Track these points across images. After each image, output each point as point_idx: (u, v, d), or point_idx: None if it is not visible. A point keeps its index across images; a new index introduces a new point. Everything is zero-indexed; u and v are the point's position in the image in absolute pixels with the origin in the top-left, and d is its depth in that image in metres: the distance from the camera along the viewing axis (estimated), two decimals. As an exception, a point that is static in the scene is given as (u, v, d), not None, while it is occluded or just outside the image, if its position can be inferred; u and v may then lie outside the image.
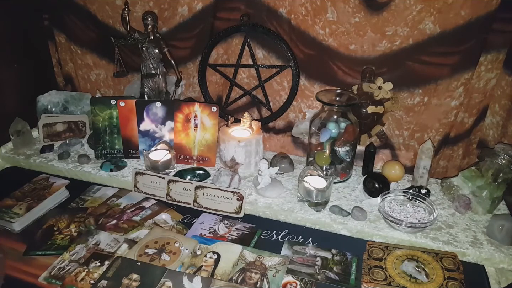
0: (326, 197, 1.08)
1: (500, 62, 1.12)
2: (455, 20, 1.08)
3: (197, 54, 1.38)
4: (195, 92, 1.46)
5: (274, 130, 1.42)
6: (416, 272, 0.89)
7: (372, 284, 0.86)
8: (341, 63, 1.23)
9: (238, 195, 1.08)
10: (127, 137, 1.28)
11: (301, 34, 1.23)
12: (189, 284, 0.85)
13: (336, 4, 1.16)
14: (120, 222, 1.05)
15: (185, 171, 1.21)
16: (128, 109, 1.25)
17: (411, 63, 1.17)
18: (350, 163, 1.20)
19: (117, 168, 1.24)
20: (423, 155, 1.14)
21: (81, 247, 0.96)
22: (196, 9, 1.31)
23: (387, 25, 1.14)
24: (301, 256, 0.95)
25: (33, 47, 1.51)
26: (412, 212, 1.06)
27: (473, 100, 1.19)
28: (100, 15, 1.41)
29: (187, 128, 1.27)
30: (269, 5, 1.23)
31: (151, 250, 0.95)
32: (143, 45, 1.29)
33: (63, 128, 1.38)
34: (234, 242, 0.99)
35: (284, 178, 1.23)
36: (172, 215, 1.09)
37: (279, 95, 1.36)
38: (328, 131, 1.12)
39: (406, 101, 1.22)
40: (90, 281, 0.86)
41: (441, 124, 1.22)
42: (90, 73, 1.55)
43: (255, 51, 1.31)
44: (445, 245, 0.97)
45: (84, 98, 1.46)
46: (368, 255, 0.94)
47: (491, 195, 1.06)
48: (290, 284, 0.87)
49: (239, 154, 1.21)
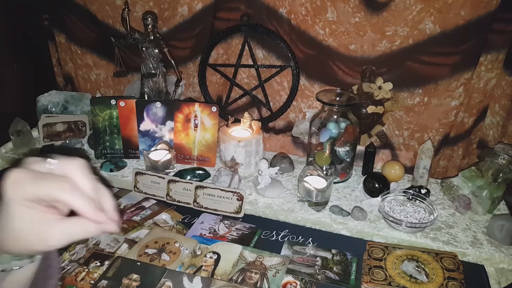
0: (326, 197, 1.08)
1: (500, 62, 1.12)
2: (455, 20, 1.08)
3: (197, 54, 1.38)
4: (195, 92, 1.46)
5: (274, 130, 1.42)
6: (416, 272, 0.89)
7: (372, 284, 0.86)
8: (341, 63, 1.23)
9: (238, 195, 1.08)
10: (127, 137, 1.28)
11: (301, 34, 1.23)
12: (189, 284, 0.85)
13: (336, 4, 1.16)
14: (120, 222, 1.05)
15: (185, 171, 1.21)
16: (128, 109, 1.25)
17: (411, 63, 1.17)
18: (350, 163, 1.20)
19: (117, 168, 1.24)
20: (423, 155, 1.14)
21: (81, 247, 0.96)
22: (196, 9, 1.31)
23: (387, 25, 1.14)
24: (301, 256, 0.95)
25: (33, 47, 1.51)
26: (412, 212, 1.06)
27: (473, 100, 1.19)
28: (100, 15, 1.41)
29: (187, 128, 1.27)
30: (269, 5, 1.23)
31: (151, 250, 0.95)
32: (143, 45, 1.29)
33: (63, 128, 1.38)
34: (234, 242, 0.99)
35: (284, 178, 1.23)
36: (172, 215, 1.09)
37: (279, 95, 1.36)
38: (328, 131, 1.12)
39: (406, 101, 1.22)
40: (90, 281, 0.86)
41: (441, 124, 1.22)
42: (90, 73, 1.55)
43: (255, 51, 1.31)
44: (445, 245, 0.97)
45: (84, 98, 1.46)
46: (368, 255, 0.94)
47: (491, 195, 1.06)
48: (290, 284, 0.87)
49: (239, 154, 1.21)
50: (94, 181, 0.41)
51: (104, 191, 0.42)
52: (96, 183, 0.41)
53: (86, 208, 0.38)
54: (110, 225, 0.40)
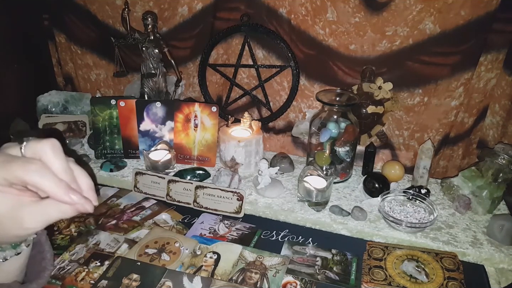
0: (326, 197, 1.08)
1: (500, 62, 1.12)
2: (455, 20, 1.08)
3: (197, 54, 1.38)
4: (195, 92, 1.46)
5: (274, 130, 1.42)
6: (416, 272, 0.89)
7: (372, 284, 0.86)
8: (341, 63, 1.23)
9: (238, 195, 1.08)
10: (127, 137, 1.28)
11: (301, 34, 1.23)
12: (189, 284, 0.85)
13: (336, 4, 1.16)
14: (120, 222, 1.05)
15: (185, 171, 1.21)
16: (128, 109, 1.25)
17: (411, 63, 1.17)
18: (350, 163, 1.20)
19: (117, 168, 1.24)
20: (423, 155, 1.14)
21: (81, 247, 0.96)
22: (196, 9, 1.31)
23: (387, 25, 1.14)
24: (301, 256, 0.95)
25: (33, 47, 1.51)
26: (412, 212, 1.06)
27: (473, 100, 1.19)
28: (100, 15, 1.41)
29: (187, 128, 1.27)
30: (269, 5, 1.23)
31: (151, 250, 0.95)
32: (143, 45, 1.29)
33: (63, 128, 1.38)
34: (234, 242, 0.99)
35: (284, 178, 1.23)
36: (172, 215, 1.09)
37: (279, 95, 1.36)
38: (328, 131, 1.12)
39: (406, 101, 1.22)
40: (90, 281, 0.86)
41: (441, 124, 1.22)
42: (90, 73, 1.55)
43: (255, 51, 1.31)
44: (445, 245, 0.97)
45: (84, 98, 1.46)
46: (368, 255, 0.94)
47: (491, 195, 1.06)
48: (290, 284, 0.87)
49: (239, 154, 1.21)
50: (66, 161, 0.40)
51: (79, 170, 0.41)
52: (70, 163, 0.40)
53: (55, 190, 0.37)
54: (84, 205, 0.39)
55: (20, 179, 0.37)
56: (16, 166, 0.37)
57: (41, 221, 0.40)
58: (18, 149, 0.39)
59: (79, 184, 0.40)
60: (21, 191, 0.39)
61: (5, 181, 0.37)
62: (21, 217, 0.39)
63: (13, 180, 0.37)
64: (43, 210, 0.39)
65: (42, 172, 0.37)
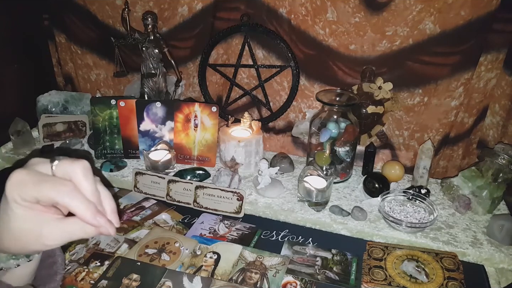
0: (326, 197, 1.08)
1: (500, 62, 1.12)
2: (455, 20, 1.08)
3: (197, 54, 1.38)
4: (195, 92, 1.46)
5: (274, 130, 1.42)
6: (416, 272, 0.89)
7: (372, 284, 0.86)
8: (341, 63, 1.23)
9: (238, 195, 1.08)
10: (127, 137, 1.28)
11: (301, 34, 1.23)
12: (189, 284, 0.85)
13: (336, 4, 1.16)
14: (119, 224, 1.05)
15: (185, 171, 1.21)
16: (128, 109, 1.25)
17: (411, 63, 1.17)
18: (350, 163, 1.20)
19: (117, 168, 1.24)
20: (423, 155, 1.14)
21: (81, 247, 0.96)
22: (196, 9, 1.31)
23: (387, 25, 1.14)
24: (301, 256, 0.95)
25: (33, 47, 1.51)
26: (412, 212, 1.06)
27: (473, 100, 1.19)
28: (100, 15, 1.41)
29: (187, 128, 1.27)
30: (269, 5, 1.23)
31: (151, 250, 0.95)
32: (143, 45, 1.29)
33: (63, 128, 1.38)
34: (234, 242, 0.99)
35: (284, 178, 1.23)
36: (172, 215, 1.09)
37: (279, 95, 1.36)
38: (328, 131, 1.12)
39: (406, 101, 1.22)
40: (90, 281, 0.86)
41: (441, 124, 1.22)
42: (90, 73, 1.55)
43: (255, 51, 1.31)
44: (445, 245, 0.97)
45: (84, 98, 1.46)
46: (368, 255, 0.94)
47: (491, 195, 1.06)
48: (290, 284, 0.87)
49: (239, 154, 1.21)
50: (96, 183, 0.41)
51: (105, 193, 0.42)
52: (98, 185, 0.41)
53: (85, 212, 0.38)
54: (108, 228, 0.40)
55: (52, 199, 0.38)
56: (48, 186, 0.38)
57: (62, 239, 0.40)
58: (49, 167, 0.40)
59: (104, 206, 0.41)
60: (46, 208, 0.40)
61: (33, 199, 0.38)
62: (43, 234, 0.40)
63: (43, 199, 0.38)
64: (67, 229, 0.40)
65: (73, 194, 0.38)
